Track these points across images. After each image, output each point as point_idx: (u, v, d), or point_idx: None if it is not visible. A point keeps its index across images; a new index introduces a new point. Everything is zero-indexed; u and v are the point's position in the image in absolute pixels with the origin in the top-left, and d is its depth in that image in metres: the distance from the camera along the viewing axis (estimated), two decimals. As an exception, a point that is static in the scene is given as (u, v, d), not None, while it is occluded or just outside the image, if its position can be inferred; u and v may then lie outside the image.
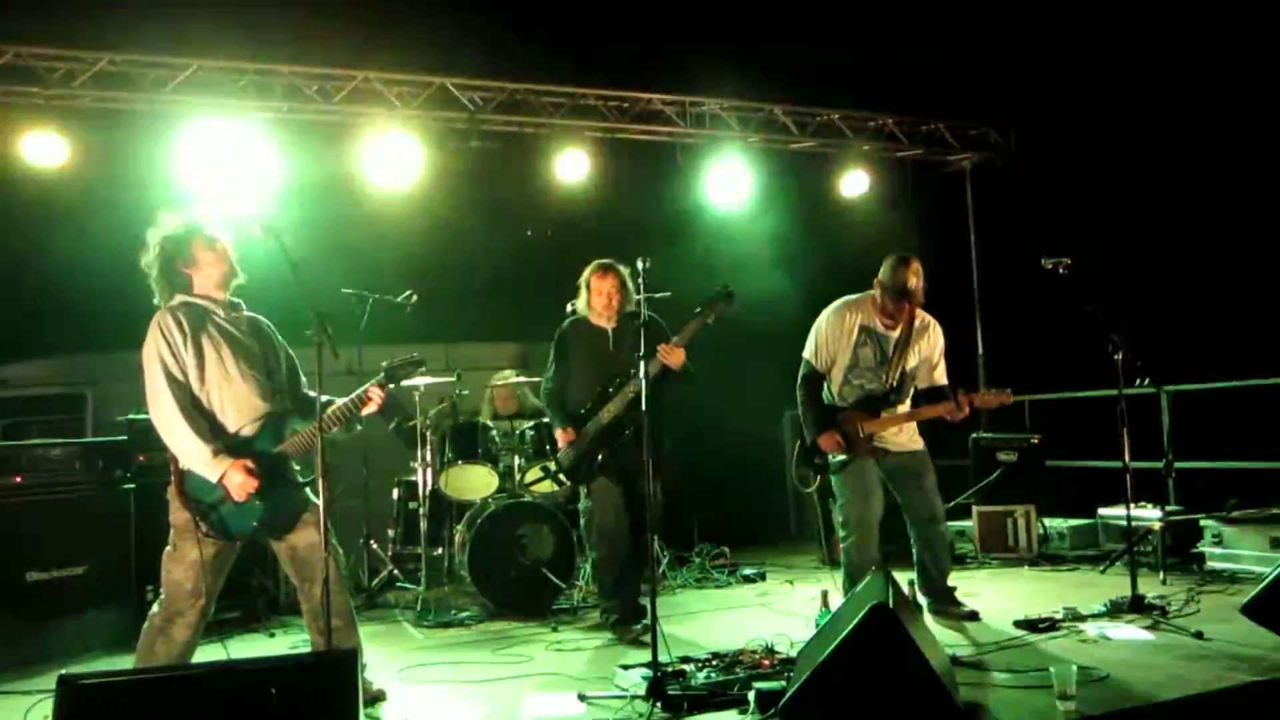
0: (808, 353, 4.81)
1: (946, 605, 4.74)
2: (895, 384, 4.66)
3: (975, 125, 7.98)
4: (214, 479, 3.33)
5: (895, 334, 4.68)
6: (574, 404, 4.77)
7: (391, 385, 3.65)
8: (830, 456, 4.67)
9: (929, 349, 4.75)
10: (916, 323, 4.68)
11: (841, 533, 4.74)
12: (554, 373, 4.87)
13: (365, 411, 3.61)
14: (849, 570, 4.71)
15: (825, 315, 4.80)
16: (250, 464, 3.36)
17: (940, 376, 4.78)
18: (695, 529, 7.03)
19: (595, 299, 4.76)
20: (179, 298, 3.51)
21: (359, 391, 3.60)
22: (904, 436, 4.74)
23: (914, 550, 4.81)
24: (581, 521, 4.95)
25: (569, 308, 4.97)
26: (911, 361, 4.71)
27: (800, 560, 6.77)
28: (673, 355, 4.38)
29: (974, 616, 4.65)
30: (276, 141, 6.10)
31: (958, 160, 8.21)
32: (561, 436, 4.74)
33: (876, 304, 4.67)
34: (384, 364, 3.68)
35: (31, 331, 6.55)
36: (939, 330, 4.81)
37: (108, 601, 4.73)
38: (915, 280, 4.53)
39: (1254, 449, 5.99)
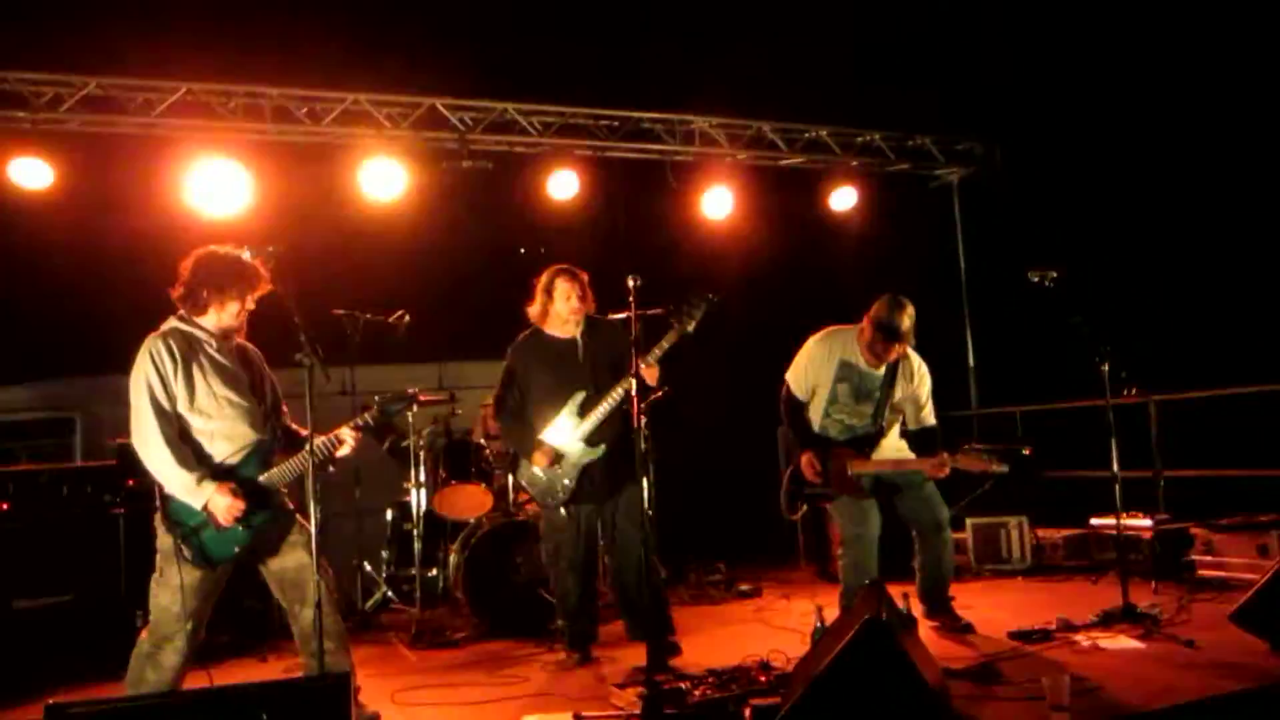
0: (790, 377, 4.80)
1: (944, 616, 4.74)
2: (879, 419, 4.65)
3: (961, 139, 8.06)
4: (198, 505, 3.32)
5: (879, 372, 4.65)
6: (542, 423, 4.51)
7: (381, 422, 3.62)
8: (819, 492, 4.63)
9: (915, 388, 4.74)
10: (902, 362, 4.66)
11: (840, 550, 4.77)
12: (509, 392, 4.57)
13: (339, 454, 3.56)
14: (846, 587, 4.72)
15: (811, 342, 4.78)
16: (235, 487, 3.36)
17: (928, 417, 4.79)
18: (689, 545, 7.01)
19: (562, 304, 4.50)
20: (175, 322, 3.51)
21: (333, 434, 3.54)
22: (899, 454, 4.77)
23: (917, 559, 4.80)
24: (544, 548, 4.65)
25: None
26: (896, 395, 4.70)
27: (796, 575, 6.76)
28: (648, 375, 4.20)
29: (969, 630, 4.65)
30: (266, 163, 6.12)
31: (945, 174, 8.29)
32: (541, 458, 4.42)
33: (864, 339, 4.61)
34: (375, 407, 3.61)
35: (19, 356, 6.52)
36: (925, 370, 4.79)
37: (97, 628, 4.69)
38: (908, 323, 4.50)
39: (1242, 457, 6.02)
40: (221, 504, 3.32)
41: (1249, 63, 6.28)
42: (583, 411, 4.44)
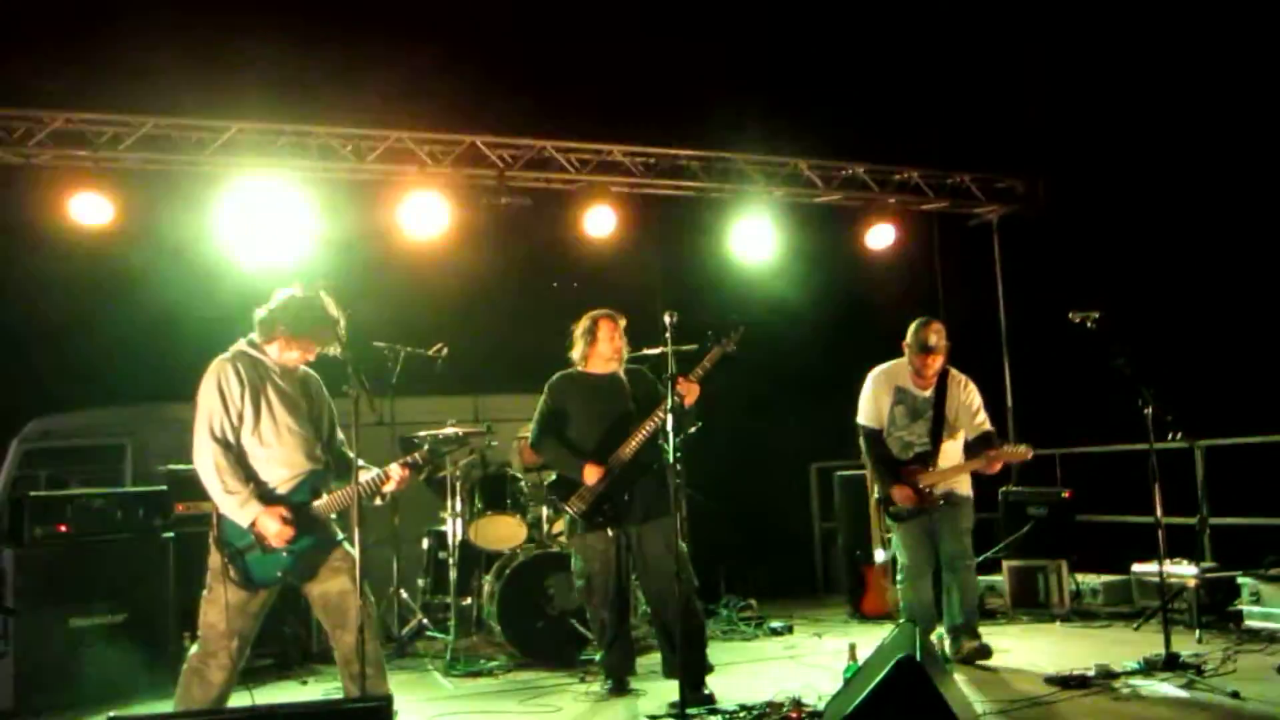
0: (861, 418, 5.18)
1: (963, 639, 4.90)
2: (936, 439, 4.98)
3: (1001, 177, 7.99)
4: (244, 524, 3.42)
5: (927, 393, 5.04)
6: (583, 450, 4.57)
7: (431, 463, 3.72)
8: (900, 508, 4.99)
9: (965, 402, 5.05)
10: (949, 380, 5.05)
11: (899, 577, 5.13)
12: (546, 424, 4.67)
13: (386, 489, 3.65)
14: (906, 611, 5.07)
15: (869, 379, 5.21)
16: (285, 512, 3.45)
17: (984, 423, 5.08)
18: (722, 581, 7.00)
19: (605, 345, 4.66)
20: (243, 346, 3.63)
21: (383, 470, 3.63)
22: (962, 485, 5.05)
23: (943, 588, 5.07)
24: (579, 583, 4.67)
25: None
26: (949, 413, 5.02)
27: (828, 613, 6.70)
28: (690, 392, 4.32)
29: (986, 651, 4.83)
30: (312, 199, 6.28)
31: (984, 212, 8.22)
32: (590, 473, 4.45)
33: (907, 365, 5.07)
34: (426, 447, 3.72)
35: (73, 383, 6.74)
36: (973, 386, 5.14)
37: (147, 648, 4.82)
38: (936, 338, 4.94)
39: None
40: (272, 528, 3.42)
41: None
42: (627, 432, 4.49)
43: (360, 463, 3.52)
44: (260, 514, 3.41)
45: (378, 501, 3.72)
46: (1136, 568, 6.17)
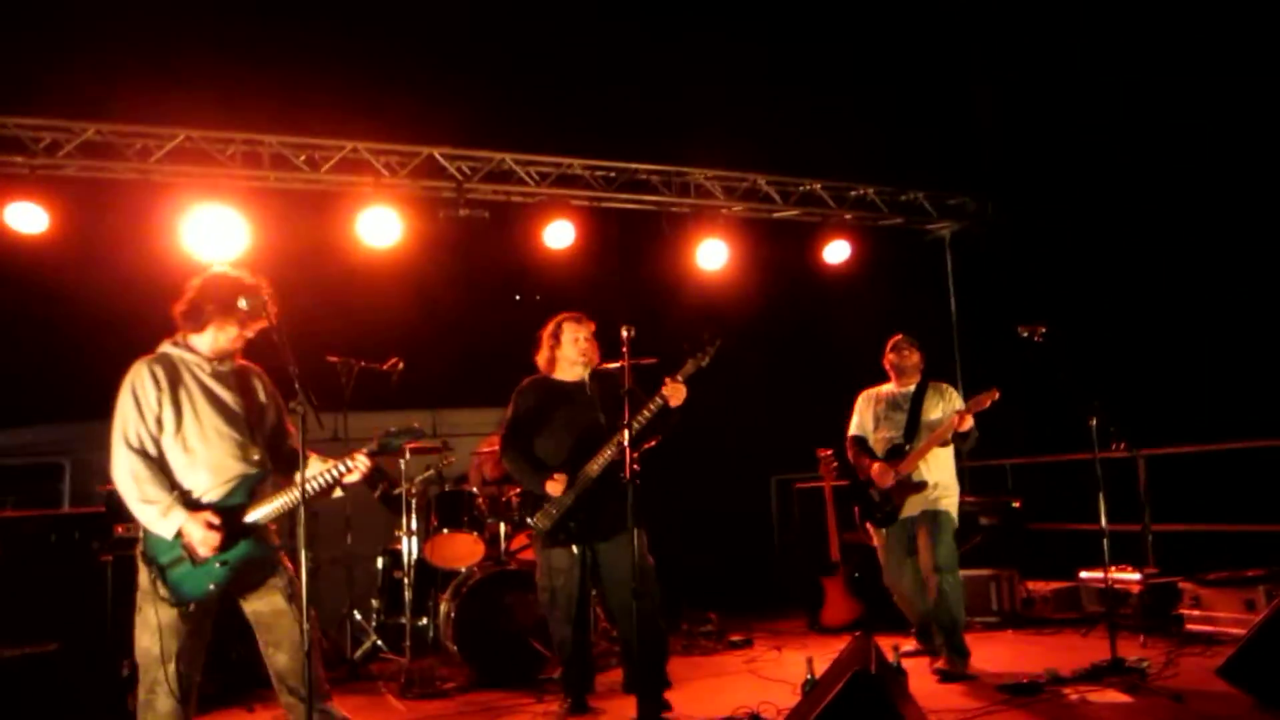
0: (850, 430, 5.48)
1: (927, 648, 5.05)
2: (912, 434, 5.14)
3: (953, 194, 8.17)
4: (168, 535, 3.16)
5: (908, 389, 5.28)
6: (550, 461, 4.47)
7: (382, 455, 3.48)
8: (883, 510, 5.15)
9: (950, 408, 5.18)
10: (930, 386, 5.29)
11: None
12: (515, 432, 4.53)
13: (348, 480, 3.43)
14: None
15: (858, 399, 5.52)
16: (212, 518, 3.20)
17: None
18: (682, 595, 6.96)
19: (570, 348, 4.54)
20: (166, 347, 3.40)
21: (345, 460, 3.42)
22: (944, 502, 5.10)
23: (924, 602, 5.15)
24: (542, 596, 4.56)
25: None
26: (929, 415, 5.18)
27: (788, 625, 6.71)
28: (677, 392, 4.19)
29: (940, 675, 4.85)
30: (264, 210, 6.13)
31: (937, 228, 8.40)
32: (553, 486, 4.33)
33: (889, 374, 5.39)
34: (380, 432, 3.44)
35: (9, 400, 6.47)
36: (954, 391, 5.36)
37: (81, 679, 4.58)
38: (906, 335, 5.40)
39: (1230, 512, 6.05)
40: (197, 534, 3.17)
41: (1237, 118, 6.43)
42: (595, 445, 4.39)
43: (304, 480, 3.25)
44: (185, 521, 3.15)
45: (337, 493, 3.51)
46: (1084, 574, 6.31)
